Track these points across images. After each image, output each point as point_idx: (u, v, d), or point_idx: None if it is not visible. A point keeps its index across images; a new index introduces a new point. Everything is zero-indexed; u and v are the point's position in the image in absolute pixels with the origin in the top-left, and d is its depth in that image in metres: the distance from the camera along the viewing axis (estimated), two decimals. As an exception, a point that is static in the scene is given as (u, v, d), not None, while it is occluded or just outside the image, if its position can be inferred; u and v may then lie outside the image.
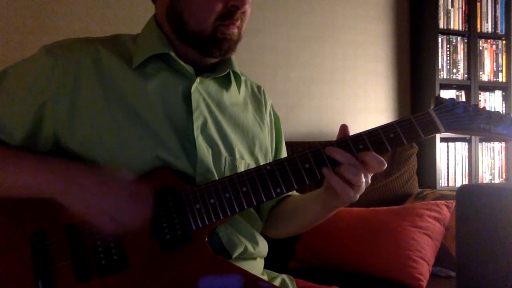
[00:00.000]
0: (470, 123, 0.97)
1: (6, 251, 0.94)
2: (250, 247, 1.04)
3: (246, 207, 0.94)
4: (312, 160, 0.94)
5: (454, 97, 2.85)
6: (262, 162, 1.14)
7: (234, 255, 1.01)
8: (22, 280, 0.92)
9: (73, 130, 0.98)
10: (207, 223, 0.93)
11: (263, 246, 1.10)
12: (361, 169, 0.92)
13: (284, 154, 1.26)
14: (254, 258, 1.09)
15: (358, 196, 0.94)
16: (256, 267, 1.09)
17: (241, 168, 1.06)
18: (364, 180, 0.92)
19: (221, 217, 0.93)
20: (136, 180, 0.94)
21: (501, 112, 0.99)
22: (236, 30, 1.03)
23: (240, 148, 1.08)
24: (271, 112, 1.25)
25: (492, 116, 0.98)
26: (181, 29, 1.03)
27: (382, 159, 0.92)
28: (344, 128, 0.96)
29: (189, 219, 0.93)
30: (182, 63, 1.04)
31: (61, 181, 0.92)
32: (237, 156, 1.06)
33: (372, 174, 0.95)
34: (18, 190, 0.94)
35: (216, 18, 1.00)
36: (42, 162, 0.95)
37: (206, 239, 0.94)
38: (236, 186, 0.94)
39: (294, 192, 1.21)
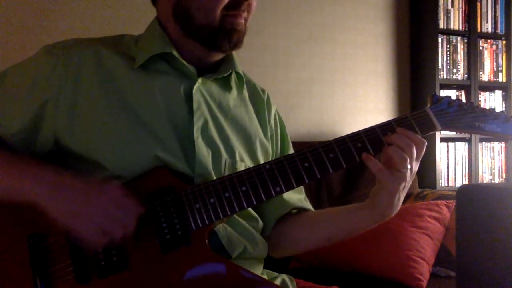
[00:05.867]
0: (465, 121, 0.98)
1: (5, 252, 0.94)
2: (249, 247, 1.04)
3: (246, 206, 0.94)
4: (312, 159, 0.94)
5: (454, 97, 2.85)
6: None
7: (234, 255, 1.01)
8: (21, 281, 0.92)
9: (73, 129, 0.98)
10: (207, 222, 0.93)
11: (262, 247, 1.10)
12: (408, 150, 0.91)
13: None
14: (254, 258, 1.08)
15: (405, 192, 0.95)
16: (256, 267, 1.09)
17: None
18: (408, 166, 0.92)
19: (221, 217, 0.93)
20: (125, 189, 0.91)
21: (496, 110, 1.00)
22: (243, 21, 1.03)
23: (241, 151, 1.07)
24: (277, 118, 1.23)
25: (487, 113, 0.98)
26: (189, 25, 1.02)
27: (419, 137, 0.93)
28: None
29: (189, 219, 0.93)
30: (184, 62, 1.04)
31: (45, 185, 0.90)
32: (238, 158, 1.06)
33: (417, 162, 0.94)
34: (2, 193, 0.93)
35: (222, 8, 1.00)
36: (30, 166, 0.94)
37: (206, 240, 0.94)
38: (236, 186, 0.94)
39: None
